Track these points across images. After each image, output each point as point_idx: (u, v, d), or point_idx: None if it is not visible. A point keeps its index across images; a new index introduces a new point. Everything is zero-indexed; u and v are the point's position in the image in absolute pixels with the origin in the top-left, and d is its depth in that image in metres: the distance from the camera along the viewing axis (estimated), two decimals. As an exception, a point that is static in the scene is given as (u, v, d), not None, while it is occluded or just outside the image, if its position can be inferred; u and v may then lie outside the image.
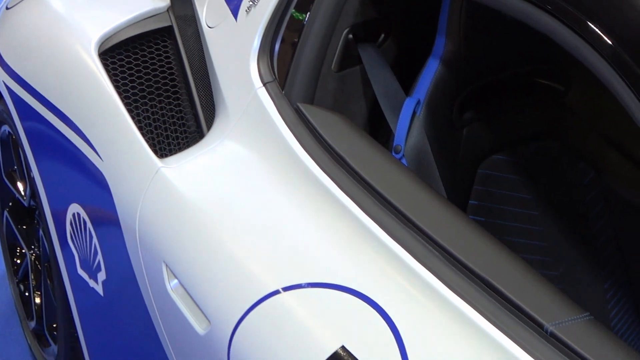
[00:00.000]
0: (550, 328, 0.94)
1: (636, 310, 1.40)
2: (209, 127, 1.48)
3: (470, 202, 1.36)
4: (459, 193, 1.34)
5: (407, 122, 1.30)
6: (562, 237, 1.39)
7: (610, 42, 0.91)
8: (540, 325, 0.94)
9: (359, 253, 1.11)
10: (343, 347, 1.03)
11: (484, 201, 1.37)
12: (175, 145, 1.52)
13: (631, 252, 1.42)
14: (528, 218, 1.39)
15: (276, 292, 1.13)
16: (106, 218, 1.52)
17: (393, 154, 1.31)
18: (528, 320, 0.95)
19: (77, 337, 1.91)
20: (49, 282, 2.14)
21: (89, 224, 1.61)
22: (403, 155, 1.30)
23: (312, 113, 1.30)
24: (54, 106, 1.63)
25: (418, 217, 1.10)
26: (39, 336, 2.28)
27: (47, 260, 2.10)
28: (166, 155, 1.46)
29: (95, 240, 1.60)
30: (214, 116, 1.47)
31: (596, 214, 1.45)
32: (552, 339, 0.93)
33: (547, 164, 1.45)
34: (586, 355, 0.90)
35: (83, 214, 1.62)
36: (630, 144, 1.49)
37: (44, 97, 1.66)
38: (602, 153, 1.49)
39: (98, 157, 1.51)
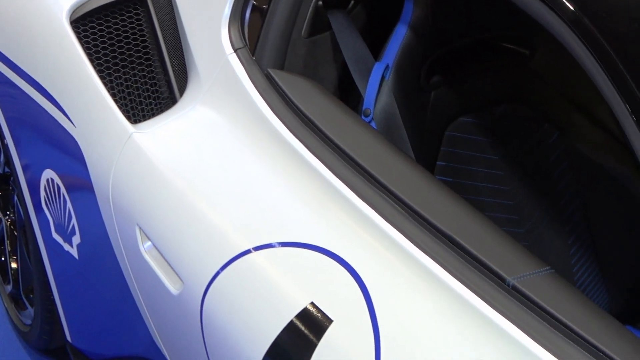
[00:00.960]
0: (512, 281, 0.96)
1: (598, 264, 1.43)
2: (182, 93, 1.49)
3: (437, 163, 1.38)
4: (426, 154, 1.36)
5: (376, 86, 1.31)
6: (528, 196, 1.42)
7: (572, 8, 0.93)
8: (503, 279, 0.96)
9: (328, 213, 1.12)
10: (312, 303, 1.05)
11: (451, 162, 1.39)
12: (148, 112, 1.53)
13: (594, 209, 1.45)
14: (494, 178, 1.41)
15: (247, 252, 1.14)
16: (80, 183, 1.52)
17: (362, 117, 1.32)
18: (491, 274, 0.97)
19: (53, 300, 1.92)
20: (24, 247, 2.15)
21: (62, 190, 1.62)
22: (372, 118, 1.32)
23: (283, 78, 1.31)
24: (27, 74, 1.63)
25: (385, 178, 1.11)
26: (15, 300, 2.29)
27: (22, 226, 2.10)
28: (139, 121, 1.47)
29: (69, 205, 1.61)
30: (186, 82, 1.48)
31: (560, 173, 1.48)
32: (513, 291, 0.95)
33: (512, 126, 1.47)
34: (546, 306, 0.92)
35: (57, 180, 1.62)
36: (593, 106, 1.51)
37: (16, 65, 1.65)
38: (566, 115, 1.51)
39: (71, 124, 1.51)
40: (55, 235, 1.72)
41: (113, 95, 1.47)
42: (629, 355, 0.86)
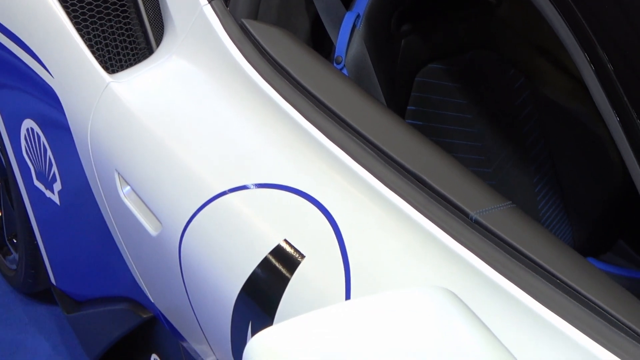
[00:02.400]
0: (475, 216, 0.98)
1: (563, 201, 1.46)
2: (158, 44, 1.50)
3: (408, 107, 1.40)
4: (397, 100, 1.39)
5: (347, 34, 1.33)
6: (495, 138, 1.44)
7: None
8: (466, 214, 0.99)
9: (300, 156, 1.15)
10: (285, 240, 1.08)
11: (421, 106, 1.42)
12: (125, 62, 1.54)
13: (558, 149, 1.47)
14: (463, 121, 1.44)
15: (223, 194, 1.17)
16: (59, 132, 1.54)
17: (334, 64, 1.34)
18: (455, 209, 1.00)
19: (37, 245, 1.94)
20: (7, 195, 2.17)
21: (42, 139, 1.63)
22: (344, 65, 1.34)
23: (256, 28, 1.32)
24: (3, 26, 1.63)
25: (356, 121, 1.14)
26: (0, 246, 2.32)
27: (4, 175, 2.12)
28: (117, 72, 1.48)
29: (49, 153, 1.62)
30: (162, 33, 1.49)
31: (526, 115, 1.51)
32: (476, 225, 0.97)
33: (480, 72, 1.50)
34: (507, 239, 0.95)
35: (37, 129, 1.64)
36: (557, 52, 1.54)
37: (-8, 18, 1.66)
38: (532, 61, 1.54)
39: (49, 75, 1.52)
40: (36, 183, 1.74)
41: (90, 47, 1.48)
42: (585, 282, 0.90)
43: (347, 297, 0.99)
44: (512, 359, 0.68)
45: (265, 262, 1.09)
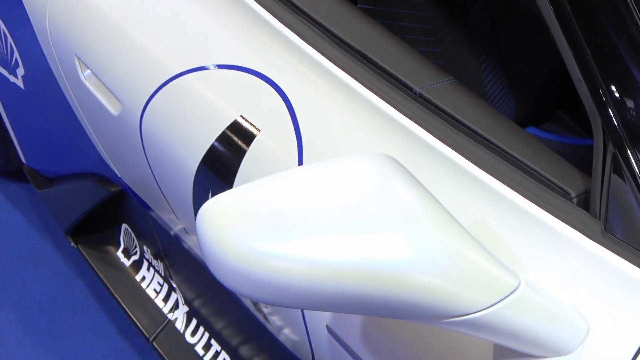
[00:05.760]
0: (419, 90, 1.01)
1: (507, 77, 1.49)
2: None
3: None
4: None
5: None
6: (443, 20, 1.45)
7: None
8: (410, 89, 1.02)
9: (254, 38, 1.16)
10: (242, 116, 1.11)
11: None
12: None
13: (503, 29, 1.49)
14: (412, 4, 1.44)
15: (182, 74, 1.19)
16: (18, 19, 1.53)
17: None
18: (400, 85, 1.03)
19: (5, 127, 1.96)
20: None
21: (2, 26, 1.62)
22: None
23: None
24: None
25: (307, 6, 1.15)
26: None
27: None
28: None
29: (10, 40, 1.61)
30: None
31: (472, -2, 1.52)
32: (420, 99, 1.01)
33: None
34: (449, 110, 0.98)
35: (-4, 17, 1.63)
36: None
37: None
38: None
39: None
40: (0, 69, 1.74)
41: None
42: (519, 147, 0.94)
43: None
44: (449, 217, 0.72)
45: (222, 136, 1.12)
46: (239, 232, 0.67)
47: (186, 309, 1.68)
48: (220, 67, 1.16)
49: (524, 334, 0.75)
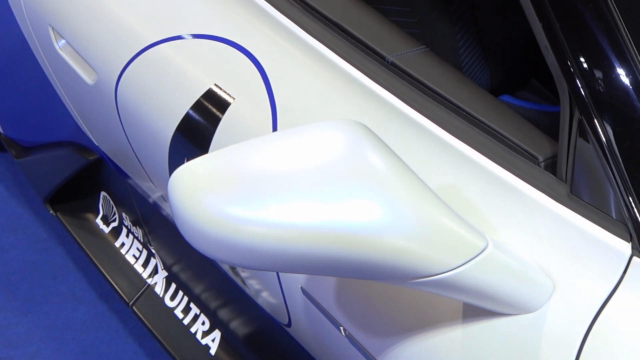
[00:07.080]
0: (391, 58, 1.02)
1: (482, 47, 1.50)
2: None
3: None
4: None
5: None
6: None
7: None
8: (383, 57, 1.02)
9: (229, 9, 1.16)
10: (216, 84, 1.11)
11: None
12: None
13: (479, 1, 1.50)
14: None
15: (157, 43, 1.18)
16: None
17: None
18: (372, 53, 1.03)
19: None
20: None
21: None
22: None
23: None
24: None
25: None
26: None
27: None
28: None
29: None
30: None
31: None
32: (392, 67, 1.01)
33: None
34: (421, 78, 0.99)
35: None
36: None
37: None
38: None
39: None
40: (-25, 40, 1.72)
41: None
42: (488, 114, 0.94)
43: (274, 134, 1.03)
44: (419, 180, 0.73)
45: (197, 104, 1.12)
46: (211, 197, 0.68)
47: (165, 273, 1.69)
48: (196, 36, 1.16)
49: (491, 293, 0.77)
